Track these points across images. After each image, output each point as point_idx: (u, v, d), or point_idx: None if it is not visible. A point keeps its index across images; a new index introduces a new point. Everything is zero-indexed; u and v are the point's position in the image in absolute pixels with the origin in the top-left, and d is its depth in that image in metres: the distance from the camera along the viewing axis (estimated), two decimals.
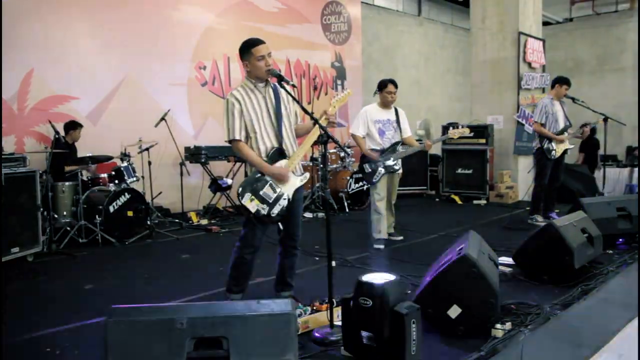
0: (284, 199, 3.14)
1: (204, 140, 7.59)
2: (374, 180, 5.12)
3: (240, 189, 3.10)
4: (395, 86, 5.15)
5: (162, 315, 2.03)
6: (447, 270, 2.87)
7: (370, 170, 5.13)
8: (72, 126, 6.10)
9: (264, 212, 3.08)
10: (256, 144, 3.16)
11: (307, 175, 3.33)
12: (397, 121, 5.19)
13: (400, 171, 5.26)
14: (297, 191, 3.25)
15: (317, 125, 3.03)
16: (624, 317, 3.83)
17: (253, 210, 3.07)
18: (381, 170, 5.10)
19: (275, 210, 3.11)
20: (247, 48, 3.12)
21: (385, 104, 5.18)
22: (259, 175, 3.13)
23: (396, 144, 5.18)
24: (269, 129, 3.18)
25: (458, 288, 2.81)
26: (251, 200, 3.07)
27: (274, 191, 3.12)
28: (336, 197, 7.67)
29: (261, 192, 3.10)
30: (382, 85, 5.15)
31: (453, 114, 12.71)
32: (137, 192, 5.87)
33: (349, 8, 10.11)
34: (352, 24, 10.18)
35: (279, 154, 3.18)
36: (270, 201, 3.10)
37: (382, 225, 5.16)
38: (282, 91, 3.26)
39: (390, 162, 5.12)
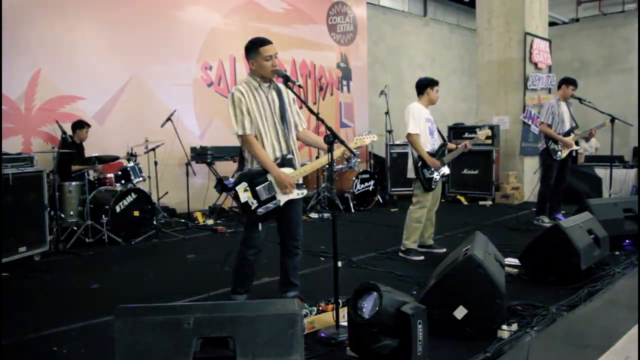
0: (274, 203, 3.15)
1: (209, 140, 7.61)
2: (432, 187, 4.71)
3: (238, 177, 3.11)
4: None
5: (168, 315, 2.03)
6: (453, 271, 2.87)
7: (429, 176, 4.67)
8: (79, 125, 6.14)
9: (252, 206, 3.10)
10: (261, 145, 3.15)
11: (305, 192, 3.33)
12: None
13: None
14: (295, 200, 3.24)
15: (326, 156, 3.00)
16: (630, 318, 3.80)
17: (243, 200, 3.10)
18: (437, 176, 4.72)
19: (262, 209, 3.12)
20: (255, 47, 3.11)
21: (431, 103, 4.83)
22: (262, 172, 3.14)
23: (444, 147, 4.85)
24: (272, 131, 3.18)
25: (464, 289, 2.81)
26: (245, 190, 3.11)
27: (269, 192, 3.14)
28: (342, 197, 7.68)
29: (257, 188, 3.12)
30: (434, 83, 4.75)
31: (459, 114, 12.63)
32: (143, 192, 5.89)
33: (355, 9, 10.11)
34: (357, 24, 10.18)
35: (288, 162, 3.19)
36: (262, 199, 3.12)
37: (417, 234, 4.80)
38: (285, 92, 3.25)
39: (444, 168, 4.78)
